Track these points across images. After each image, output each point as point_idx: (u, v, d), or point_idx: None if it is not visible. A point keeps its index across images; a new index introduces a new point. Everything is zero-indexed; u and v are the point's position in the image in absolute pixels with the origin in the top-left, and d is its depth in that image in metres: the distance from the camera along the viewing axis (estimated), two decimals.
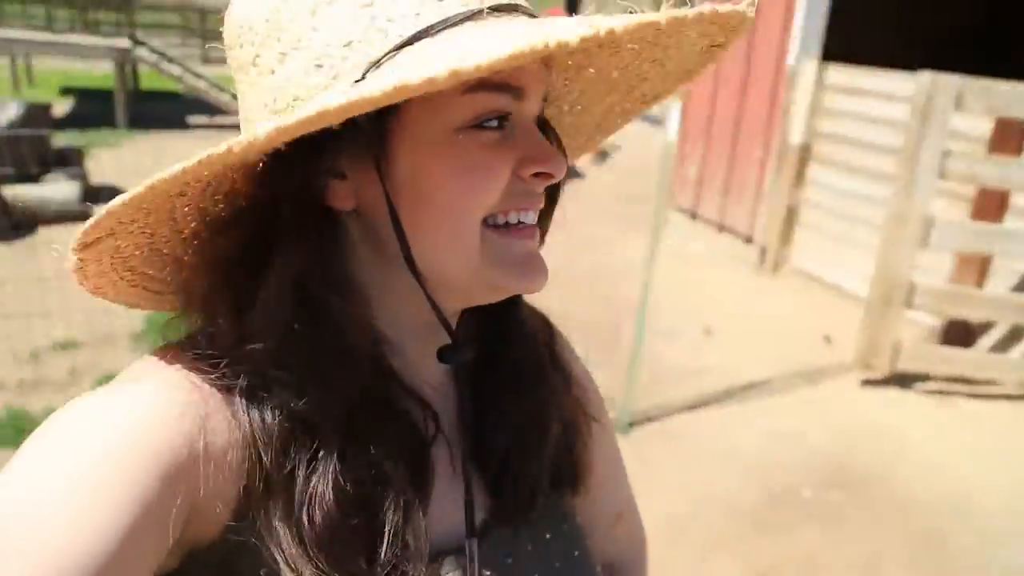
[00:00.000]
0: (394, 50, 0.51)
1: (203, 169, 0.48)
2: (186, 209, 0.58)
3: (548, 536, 0.70)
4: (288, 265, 0.56)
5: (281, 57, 0.54)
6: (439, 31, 0.52)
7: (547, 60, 0.59)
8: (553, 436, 0.72)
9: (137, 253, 0.60)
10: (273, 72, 0.54)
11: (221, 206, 0.60)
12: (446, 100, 0.54)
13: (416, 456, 0.62)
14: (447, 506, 0.64)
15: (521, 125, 0.59)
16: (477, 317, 0.68)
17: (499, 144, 0.57)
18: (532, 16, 0.58)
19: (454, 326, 0.64)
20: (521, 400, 0.70)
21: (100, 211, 0.50)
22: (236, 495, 0.55)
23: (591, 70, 0.68)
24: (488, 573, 0.64)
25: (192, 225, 0.60)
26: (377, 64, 0.51)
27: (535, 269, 0.61)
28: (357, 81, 0.51)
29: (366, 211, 0.59)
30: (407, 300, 0.61)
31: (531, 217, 0.61)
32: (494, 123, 0.57)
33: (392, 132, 0.55)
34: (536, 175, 0.59)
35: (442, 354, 0.63)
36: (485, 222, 0.58)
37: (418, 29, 0.52)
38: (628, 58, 0.64)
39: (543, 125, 0.65)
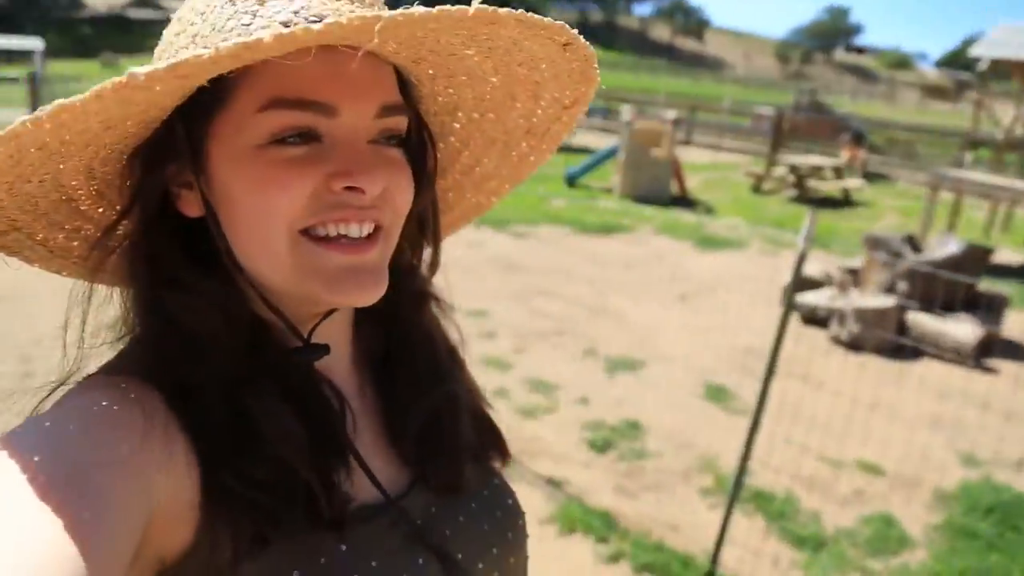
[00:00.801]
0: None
1: (52, 121, 0.46)
2: (100, 210, 0.65)
3: (483, 493, 0.77)
4: (137, 265, 0.64)
5: (174, 39, 0.61)
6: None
7: (380, 70, 0.61)
8: (460, 420, 0.78)
9: (75, 244, 0.67)
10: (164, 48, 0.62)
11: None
12: (246, 118, 0.58)
13: (331, 417, 0.67)
14: (363, 477, 0.67)
15: (341, 139, 0.60)
16: (376, 315, 0.74)
17: (302, 159, 0.59)
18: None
19: (316, 323, 0.69)
20: (424, 395, 0.76)
21: None
22: (191, 492, 0.58)
23: (461, 76, 0.68)
24: (419, 523, 0.69)
25: (96, 210, 0.66)
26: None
27: (354, 283, 0.62)
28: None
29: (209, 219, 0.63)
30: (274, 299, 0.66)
31: (353, 230, 0.62)
32: (296, 139, 0.59)
33: (206, 146, 0.60)
34: (348, 188, 0.60)
35: (293, 355, 0.67)
36: (307, 233, 0.61)
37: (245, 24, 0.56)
38: (490, 64, 0.64)
39: (412, 135, 0.68)
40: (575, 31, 0.58)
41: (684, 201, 12.08)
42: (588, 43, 0.60)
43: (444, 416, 0.76)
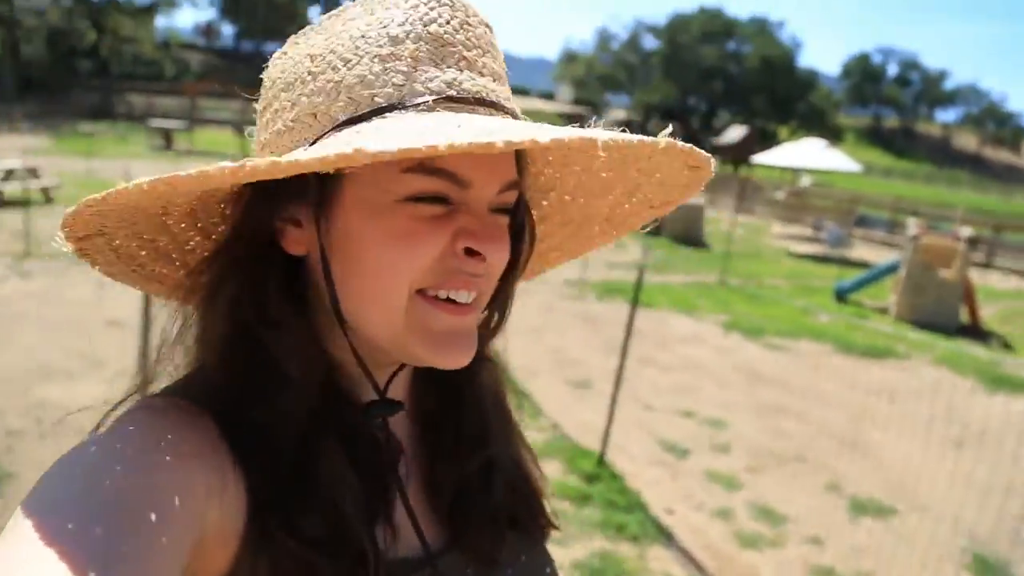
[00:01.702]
0: (343, 124, 0.58)
1: (154, 192, 0.50)
2: (183, 226, 0.68)
3: (521, 560, 0.76)
4: (227, 296, 0.64)
5: (272, 116, 0.64)
6: (387, 113, 0.58)
7: (509, 151, 0.63)
8: (494, 486, 0.77)
9: (143, 254, 0.68)
10: (267, 125, 0.65)
11: (221, 228, 0.69)
12: (389, 174, 0.59)
13: (383, 468, 0.67)
14: (410, 530, 0.68)
15: (468, 205, 0.62)
16: (432, 371, 0.72)
17: (436, 218, 0.61)
18: (494, 110, 0.62)
19: (392, 374, 0.71)
20: (464, 457, 0.76)
21: (73, 207, 0.55)
22: (238, 525, 0.58)
23: (576, 167, 0.73)
24: None
25: (196, 240, 0.70)
26: (324, 136, 0.58)
27: (455, 347, 0.64)
28: (309, 146, 0.58)
29: (314, 260, 0.64)
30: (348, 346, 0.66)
31: (463, 296, 0.64)
32: (430, 200, 0.61)
33: (336, 191, 0.61)
34: (469, 253, 0.62)
35: (368, 409, 0.68)
36: (422, 293, 0.63)
37: (368, 110, 0.58)
38: (612, 163, 0.70)
39: (518, 211, 0.70)
40: (708, 156, 0.61)
41: (975, 332, 10.61)
42: (711, 168, 0.63)
43: (479, 481, 0.76)
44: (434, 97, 0.58)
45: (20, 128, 29.45)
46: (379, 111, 0.58)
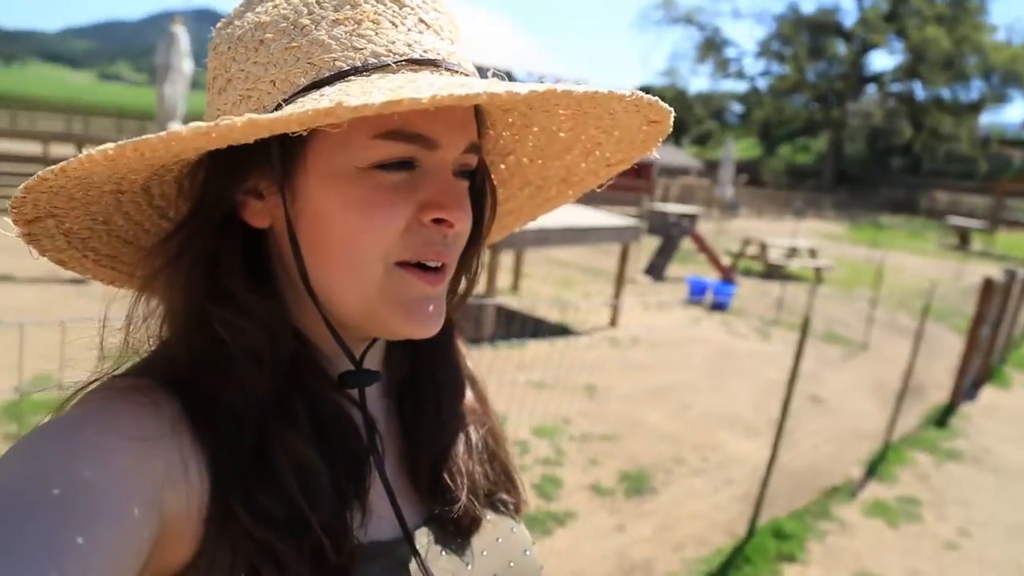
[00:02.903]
0: (306, 89, 0.57)
1: (121, 159, 0.49)
2: (138, 204, 0.65)
3: (497, 540, 0.74)
4: (185, 273, 0.61)
5: (224, 85, 0.62)
6: (349, 76, 0.57)
7: (471, 112, 0.65)
8: (476, 451, 0.78)
9: (94, 237, 0.65)
10: (219, 93, 0.63)
11: (176, 207, 0.66)
12: (354, 140, 0.58)
13: (356, 446, 0.65)
14: (383, 508, 0.66)
15: (432, 171, 0.62)
16: (406, 344, 0.74)
17: (401, 186, 0.61)
18: (453, 71, 0.61)
19: (366, 347, 0.70)
20: (443, 429, 0.75)
21: (27, 182, 0.54)
22: (199, 509, 0.56)
23: (535, 128, 0.73)
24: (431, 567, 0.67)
25: (154, 221, 0.67)
26: (287, 102, 0.56)
27: (427, 315, 0.64)
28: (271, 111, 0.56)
29: (278, 232, 0.64)
30: (320, 319, 0.64)
31: (435, 263, 0.63)
32: (396, 166, 0.60)
33: (300, 161, 0.60)
34: (436, 221, 0.62)
35: (343, 379, 0.67)
36: (401, 264, 0.62)
37: (330, 74, 0.57)
38: (569, 122, 0.69)
39: (478, 174, 0.70)
40: (669, 109, 0.62)
41: None
42: (670, 122, 0.64)
43: (460, 453, 0.76)
44: (396, 59, 0.58)
45: (825, 215, 32.30)
46: (342, 75, 0.57)
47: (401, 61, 0.58)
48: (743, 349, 8.19)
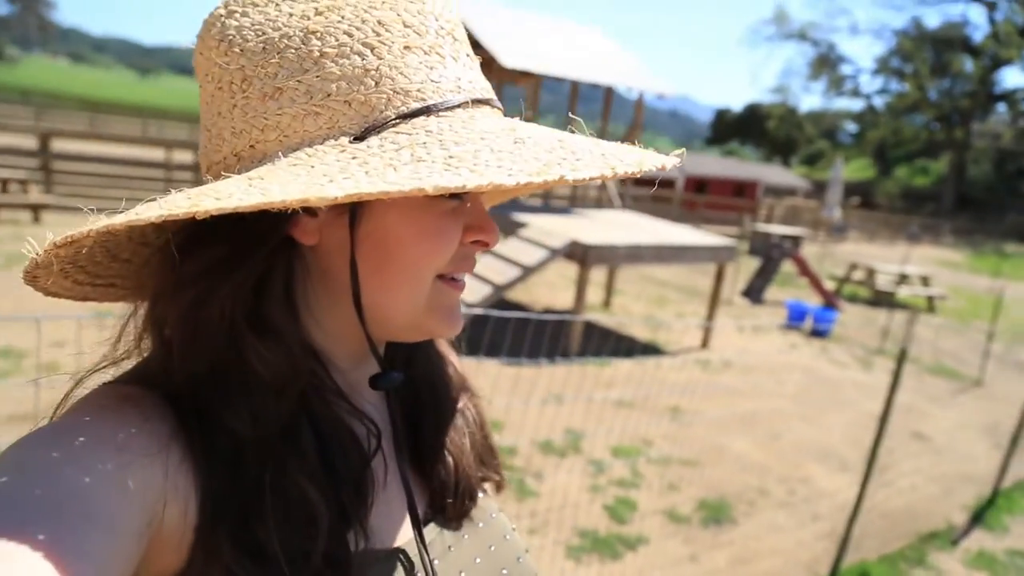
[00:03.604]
0: (395, 120, 0.57)
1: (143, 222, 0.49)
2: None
3: (491, 547, 0.76)
4: (216, 290, 0.59)
5: (275, 91, 0.57)
6: (437, 112, 0.58)
7: None
8: (473, 435, 0.82)
9: (91, 262, 0.62)
10: (264, 100, 0.58)
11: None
12: None
13: (359, 468, 0.65)
14: (393, 513, 0.70)
15: (472, 197, 0.68)
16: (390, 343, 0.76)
17: (454, 213, 0.64)
18: (497, 108, 0.65)
19: (386, 350, 0.74)
20: (444, 414, 0.80)
21: (40, 249, 0.53)
22: (186, 525, 0.56)
23: None
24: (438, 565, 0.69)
25: (156, 240, 0.63)
26: (377, 131, 0.56)
27: (457, 318, 0.70)
28: (353, 139, 0.56)
29: (327, 248, 0.63)
30: (346, 331, 0.68)
31: (465, 276, 0.70)
32: (455, 196, 0.63)
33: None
34: (475, 242, 0.68)
35: (374, 381, 0.68)
36: (441, 276, 0.67)
37: (419, 107, 0.58)
38: None
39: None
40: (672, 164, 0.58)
41: None
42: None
43: (458, 441, 0.79)
44: (466, 97, 0.60)
45: (943, 242, 30.49)
46: (427, 110, 0.58)
47: (468, 101, 0.60)
48: (842, 379, 7.80)
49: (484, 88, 0.63)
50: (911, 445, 5.94)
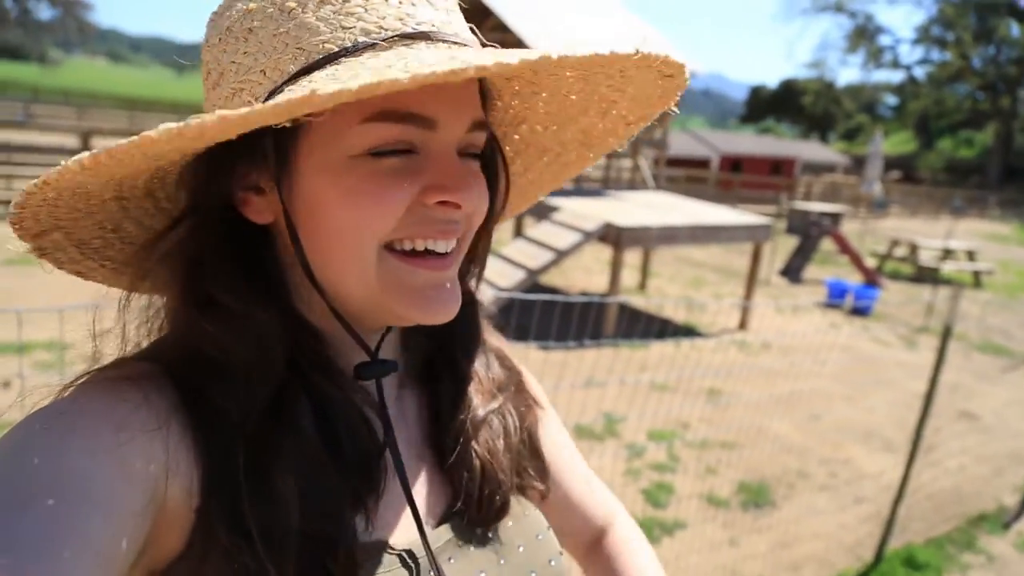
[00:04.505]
0: (295, 76, 0.55)
1: (98, 169, 0.49)
2: (146, 209, 0.63)
3: (520, 548, 0.72)
4: (183, 270, 0.60)
5: (217, 80, 0.60)
6: (339, 60, 0.54)
7: (473, 87, 0.62)
8: (510, 439, 0.75)
9: (107, 246, 0.64)
10: (212, 90, 0.61)
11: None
12: (345, 128, 0.56)
13: (369, 453, 0.63)
14: (399, 508, 0.66)
15: (435, 152, 0.60)
16: (425, 328, 0.69)
17: (399, 171, 0.58)
18: (450, 42, 0.58)
19: (381, 336, 0.69)
20: (467, 405, 0.74)
21: (14, 202, 0.52)
22: (189, 504, 0.56)
23: (544, 94, 0.69)
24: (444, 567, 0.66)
25: (164, 224, 0.63)
26: (278, 90, 0.55)
27: (437, 300, 0.62)
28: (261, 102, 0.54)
29: (280, 226, 0.62)
30: (330, 313, 0.64)
31: (440, 246, 0.61)
32: (392, 152, 0.58)
33: (295, 154, 0.58)
34: (441, 203, 0.59)
35: (359, 370, 0.65)
36: (390, 248, 0.60)
37: (321, 57, 0.55)
38: (579, 84, 0.65)
39: (488, 151, 0.68)
40: (682, 62, 0.56)
41: None
42: (686, 75, 0.59)
43: (486, 439, 0.74)
44: (388, 35, 0.56)
45: (989, 215, 29.64)
46: (331, 58, 0.55)
47: (393, 37, 0.56)
48: (885, 358, 7.62)
49: (422, 22, 0.58)
50: (958, 424, 5.78)
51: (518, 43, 7.79)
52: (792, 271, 11.56)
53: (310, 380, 0.62)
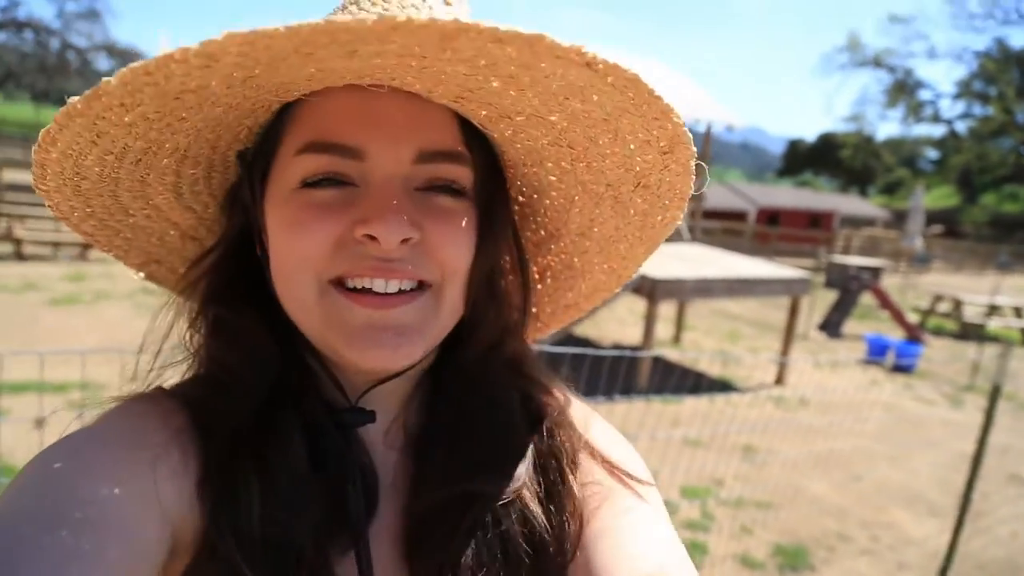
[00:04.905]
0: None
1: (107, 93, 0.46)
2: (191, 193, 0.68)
3: None
4: (201, 291, 0.66)
5: None
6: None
7: (415, 110, 0.58)
8: (472, 527, 0.63)
9: (118, 221, 0.68)
10: None
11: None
12: (288, 160, 0.59)
13: (336, 498, 0.61)
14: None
15: (374, 185, 0.58)
16: (435, 382, 0.69)
17: (329, 203, 0.58)
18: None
19: (375, 383, 0.65)
20: (447, 485, 0.64)
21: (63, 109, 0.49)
22: (197, 515, 0.57)
23: (519, 118, 0.58)
24: None
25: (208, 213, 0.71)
26: None
27: (374, 343, 0.58)
28: None
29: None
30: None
31: (378, 285, 0.58)
32: (327, 184, 0.58)
33: (265, 185, 0.62)
34: (368, 237, 0.57)
35: (335, 416, 0.63)
36: (340, 284, 0.59)
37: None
38: (537, 99, 0.54)
39: (482, 188, 0.64)
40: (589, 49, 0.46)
41: None
42: (615, 60, 0.48)
43: (457, 517, 0.63)
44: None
45: None
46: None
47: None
48: (929, 416, 7.37)
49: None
50: (1009, 489, 5.53)
51: None
52: (831, 326, 11.33)
53: (305, 412, 0.63)
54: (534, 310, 0.82)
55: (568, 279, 0.80)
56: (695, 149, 0.60)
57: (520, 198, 0.74)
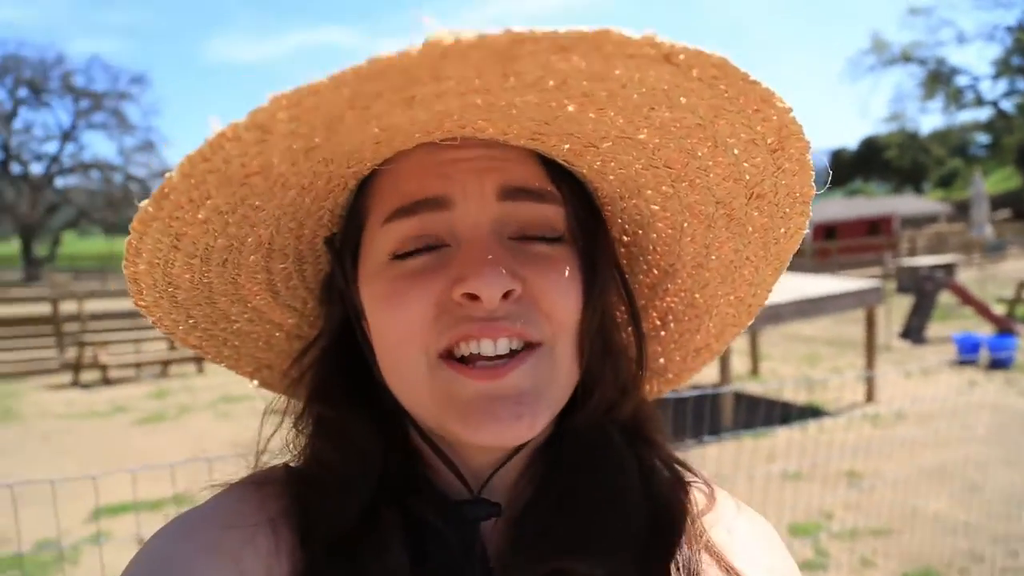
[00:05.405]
0: None
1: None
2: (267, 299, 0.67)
3: None
4: (307, 383, 0.65)
5: None
6: None
7: (493, 145, 0.56)
8: None
9: (219, 327, 0.67)
10: None
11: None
12: (376, 233, 0.57)
13: None
14: None
15: (465, 240, 0.56)
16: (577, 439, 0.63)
17: (422, 270, 0.56)
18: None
19: (493, 471, 0.61)
20: (532, 558, 0.57)
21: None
22: None
23: (606, 143, 0.54)
24: None
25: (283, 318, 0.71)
26: None
27: (488, 416, 0.54)
28: None
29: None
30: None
31: (486, 347, 0.54)
32: (419, 252, 0.56)
33: (357, 263, 0.61)
34: (468, 296, 0.53)
35: (451, 511, 0.59)
36: (449, 357, 0.55)
37: None
38: (618, 116, 0.49)
39: (577, 227, 0.60)
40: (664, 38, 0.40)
41: None
42: (694, 46, 0.41)
43: None
44: None
45: None
46: None
47: None
48: None
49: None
50: None
51: None
52: (913, 332, 10.89)
53: (412, 507, 0.59)
54: (661, 360, 0.77)
55: (693, 319, 0.73)
56: (808, 140, 0.53)
57: (624, 237, 0.69)
